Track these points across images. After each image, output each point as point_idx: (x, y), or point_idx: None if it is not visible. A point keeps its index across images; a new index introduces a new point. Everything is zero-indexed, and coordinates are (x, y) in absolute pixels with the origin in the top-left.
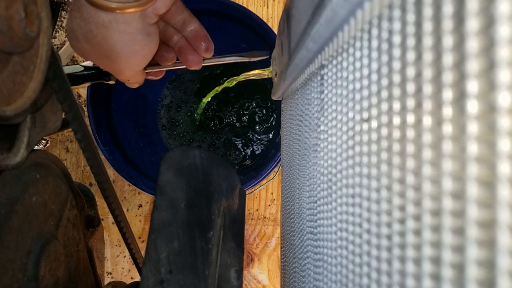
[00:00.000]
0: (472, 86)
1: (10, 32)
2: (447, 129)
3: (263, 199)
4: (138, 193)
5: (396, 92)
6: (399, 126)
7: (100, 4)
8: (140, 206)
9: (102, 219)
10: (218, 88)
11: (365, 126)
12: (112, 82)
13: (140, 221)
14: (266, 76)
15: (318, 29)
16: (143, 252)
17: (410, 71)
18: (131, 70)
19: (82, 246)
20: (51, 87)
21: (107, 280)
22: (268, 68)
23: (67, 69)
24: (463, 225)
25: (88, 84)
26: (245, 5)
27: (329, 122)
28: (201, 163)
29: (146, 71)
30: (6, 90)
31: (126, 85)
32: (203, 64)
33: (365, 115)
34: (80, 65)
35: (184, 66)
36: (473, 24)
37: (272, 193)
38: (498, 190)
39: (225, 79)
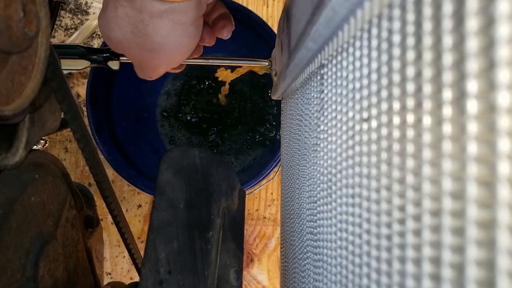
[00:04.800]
0: (472, 85)
1: (9, 32)
2: (447, 129)
3: (263, 199)
4: (138, 193)
5: (396, 91)
6: (399, 126)
7: None
8: (140, 206)
9: (101, 219)
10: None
11: (365, 125)
12: (115, 68)
13: (139, 221)
14: (264, 67)
15: (318, 29)
16: (142, 253)
17: (410, 71)
18: (169, 66)
19: (81, 247)
20: (50, 86)
21: (106, 280)
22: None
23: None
24: (463, 225)
25: (89, 64)
26: (245, 5)
27: (329, 121)
28: (200, 163)
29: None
30: (4, 90)
31: (141, 77)
32: (207, 63)
33: (365, 114)
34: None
35: (200, 63)
36: (473, 23)
37: (272, 193)
38: (498, 190)
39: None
